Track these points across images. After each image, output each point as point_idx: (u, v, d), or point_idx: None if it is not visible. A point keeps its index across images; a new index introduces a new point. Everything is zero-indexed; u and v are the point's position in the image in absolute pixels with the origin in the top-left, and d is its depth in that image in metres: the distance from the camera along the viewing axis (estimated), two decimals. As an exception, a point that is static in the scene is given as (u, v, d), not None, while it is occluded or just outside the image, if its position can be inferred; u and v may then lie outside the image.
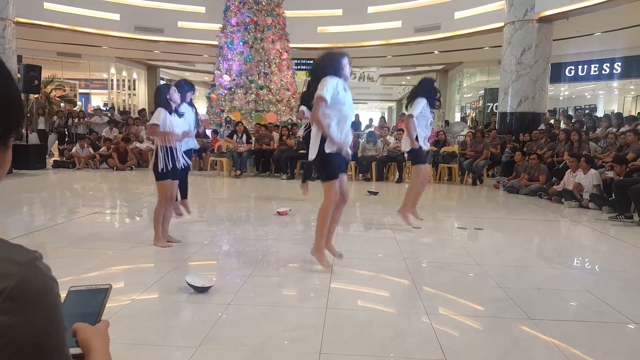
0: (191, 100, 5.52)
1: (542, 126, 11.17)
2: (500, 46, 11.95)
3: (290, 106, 13.43)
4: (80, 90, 22.66)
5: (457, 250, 4.69)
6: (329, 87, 3.60)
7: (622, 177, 6.81)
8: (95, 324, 0.85)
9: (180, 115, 4.63)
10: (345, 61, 3.80)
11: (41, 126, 14.56)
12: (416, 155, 5.59)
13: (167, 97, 4.45)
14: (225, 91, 13.09)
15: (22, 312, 0.63)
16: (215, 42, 13.77)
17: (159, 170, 4.42)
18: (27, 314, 0.63)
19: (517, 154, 9.46)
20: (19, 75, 10.93)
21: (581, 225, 6.24)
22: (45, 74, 14.47)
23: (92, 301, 0.89)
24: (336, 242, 4.63)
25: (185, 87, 5.32)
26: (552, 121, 12.08)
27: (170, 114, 4.43)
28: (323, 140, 3.73)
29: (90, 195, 8.24)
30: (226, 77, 13.10)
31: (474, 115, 21.56)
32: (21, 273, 0.64)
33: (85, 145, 11.63)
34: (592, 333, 2.82)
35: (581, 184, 7.39)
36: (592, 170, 7.40)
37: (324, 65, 3.81)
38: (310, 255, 3.98)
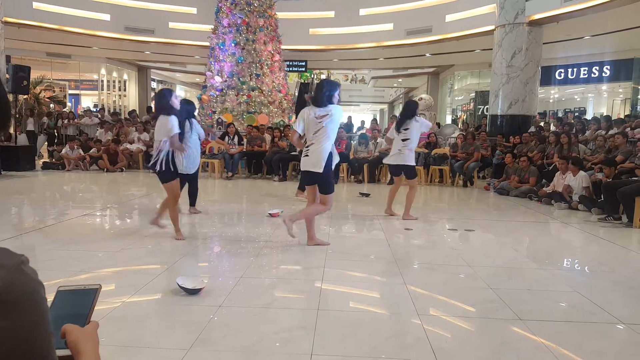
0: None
1: (532, 129, 11.26)
2: (491, 49, 12.03)
3: (282, 108, 13.43)
4: (70, 91, 22.49)
5: (448, 251, 4.71)
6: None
7: (611, 179, 6.89)
8: (84, 325, 0.85)
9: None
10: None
11: (30, 127, 14.43)
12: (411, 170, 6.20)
13: (170, 102, 4.71)
14: (217, 92, 13.06)
15: (7, 316, 0.62)
16: (207, 43, 13.74)
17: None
18: (12, 317, 0.63)
19: (507, 156, 9.53)
20: (7, 76, 10.83)
21: (571, 226, 6.30)
22: (34, 75, 14.37)
23: (82, 302, 0.88)
24: (328, 241, 4.64)
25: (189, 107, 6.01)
26: (542, 124, 12.17)
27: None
28: (331, 157, 4.42)
29: (80, 197, 8.17)
30: (218, 79, 13.07)
31: (465, 117, 21.67)
32: (6, 277, 0.63)
33: (75, 146, 11.54)
34: (582, 333, 2.84)
35: (571, 186, 7.46)
36: (582, 172, 7.47)
37: (331, 90, 4.44)
38: (302, 257, 3.98)
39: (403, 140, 6.05)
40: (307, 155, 4.44)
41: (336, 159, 4.59)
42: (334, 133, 4.42)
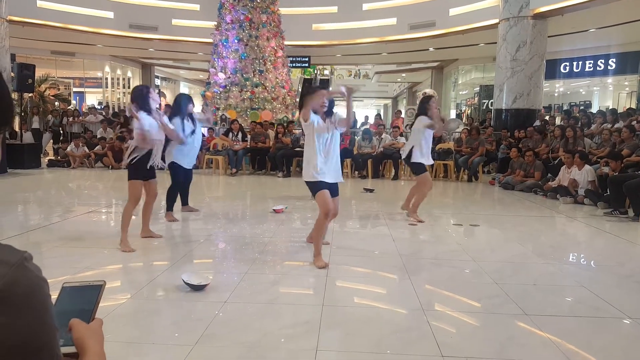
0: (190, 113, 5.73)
1: (537, 122, 11.21)
2: (495, 43, 11.96)
3: (285, 104, 13.41)
4: (75, 89, 22.54)
5: (453, 246, 4.70)
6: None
7: (617, 173, 6.84)
8: (89, 322, 0.85)
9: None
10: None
11: (35, 125, 14.48)
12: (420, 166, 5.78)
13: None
14: (221, 89, 13.05)
15: (11, 313, 0.62)
16: (210, 40, 13.73)
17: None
18: (16, 315, 0.62)
19: (512, 150, 9.49)
20: (12, 74, 10.86)
21: (576, 221, 6.27)
22: (39, 73, 14.37)
23: (86, 298, 0.88)
24: (332, 239, 4.64)
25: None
26: (547, 117, 12.10)
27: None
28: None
29: (85, 194, 8.21)
30: (221, 75, 13.06)
31: (469, 112, 21.58)
32: (10, 274, 0.63)
33: (80, 144, 11.58)
34: (588, 328, 2.83)
35: (576, 180, 7.42)
36: (587, 166, 7.43)
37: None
38: (306, 253, 3.98)
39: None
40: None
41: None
42: (309, 138, 3.95)
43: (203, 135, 11.78)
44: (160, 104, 5.29)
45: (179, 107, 5.58)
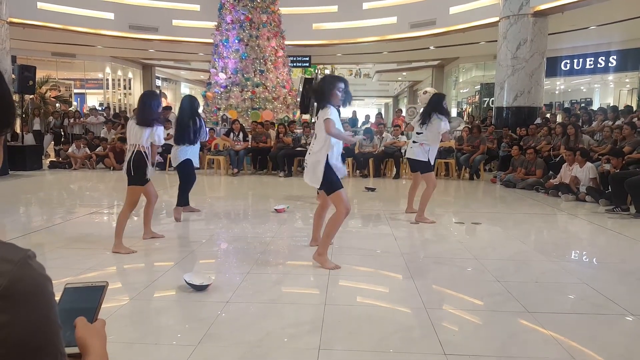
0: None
1: (539, 120, 11.20)
2: (496, 41, 11.95)
3: (286, 103, 13.42)
4: (76, 90, 22.56)
5: (455, 245, 4.70)
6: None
7: (618, 170, 6.84)
8: (92, 322, 0.85)
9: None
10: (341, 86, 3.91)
11: (37, 127, 14.50)
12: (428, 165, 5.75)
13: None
14: (221, 89, 13.07)
15: (15, 310, 0.62)
16: (211, 40, 13.75)
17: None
18: (20, 312, 0.63)
19: (514, 148, 9.49)
20: (13, 76, 10.88)
21: (578, 218, 6.26)
22: (39, 74, 14.41)
23: (89, 299, 0.89)
24: (334, 239, 4.63)
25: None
26: (548, 115, 12.09)
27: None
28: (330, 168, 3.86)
29: (87, 196, 8.22)
30: (222, 75, 13.07)
31: (470, 110, 21.56)
32: (13, 272, 0.63)
33: (82, 145, 11.59)
34: (590, 325, 2.83)
35: (578, 178, 7.41)
36: (589, 164, 7.42)
37: (325, 90, 3.87)
38: (308, 253, 3.98)
39: (417, 133, 5.69)
40: (306, 164, 3.97)
41: (340, 172, 3.94)
42: (326, 140, 3.79)
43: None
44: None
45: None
